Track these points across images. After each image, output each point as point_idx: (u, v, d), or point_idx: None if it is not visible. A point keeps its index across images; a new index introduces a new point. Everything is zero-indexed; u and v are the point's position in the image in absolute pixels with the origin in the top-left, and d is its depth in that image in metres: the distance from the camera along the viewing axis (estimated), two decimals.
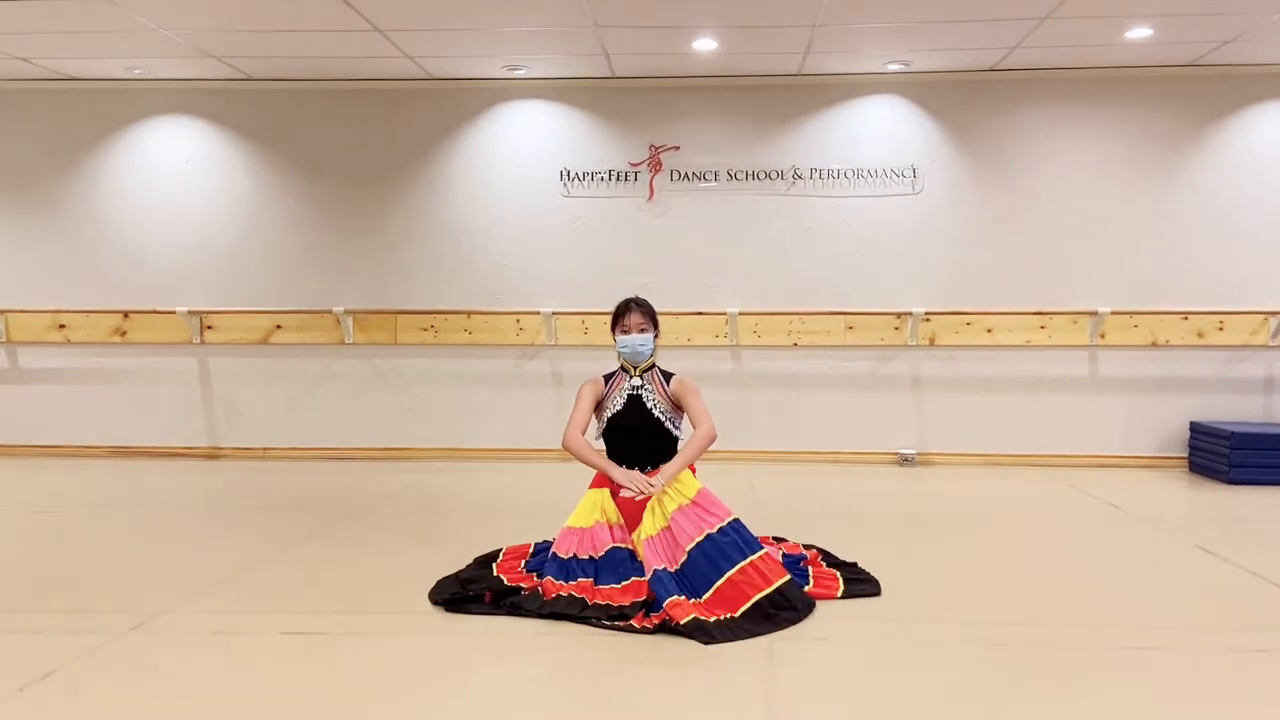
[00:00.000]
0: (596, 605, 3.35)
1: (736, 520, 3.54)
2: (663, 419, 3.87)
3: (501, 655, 3.03)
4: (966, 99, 6.80)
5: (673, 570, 3.42)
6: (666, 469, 3.72)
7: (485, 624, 3.31)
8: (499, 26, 5.87)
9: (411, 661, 2.97)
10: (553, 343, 7.00)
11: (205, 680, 2.81)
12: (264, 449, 7.19)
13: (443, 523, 5.02)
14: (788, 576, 3.42)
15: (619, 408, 3.86)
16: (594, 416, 3.97)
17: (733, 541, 3.46)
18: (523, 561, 3.87)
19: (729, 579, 3.36)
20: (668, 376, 3.96)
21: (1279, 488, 6.00)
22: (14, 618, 3.38)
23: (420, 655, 3.02)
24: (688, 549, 3.44)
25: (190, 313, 7.05)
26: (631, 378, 3.91)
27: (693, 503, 3.56)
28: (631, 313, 3.91)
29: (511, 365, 7.09)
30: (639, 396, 3.87)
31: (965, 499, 5.72)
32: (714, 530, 3.48)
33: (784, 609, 3.32)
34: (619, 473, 3.75)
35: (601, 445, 3.95)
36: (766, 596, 3.33)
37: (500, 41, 6.15)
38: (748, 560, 3.41)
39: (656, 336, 3.96)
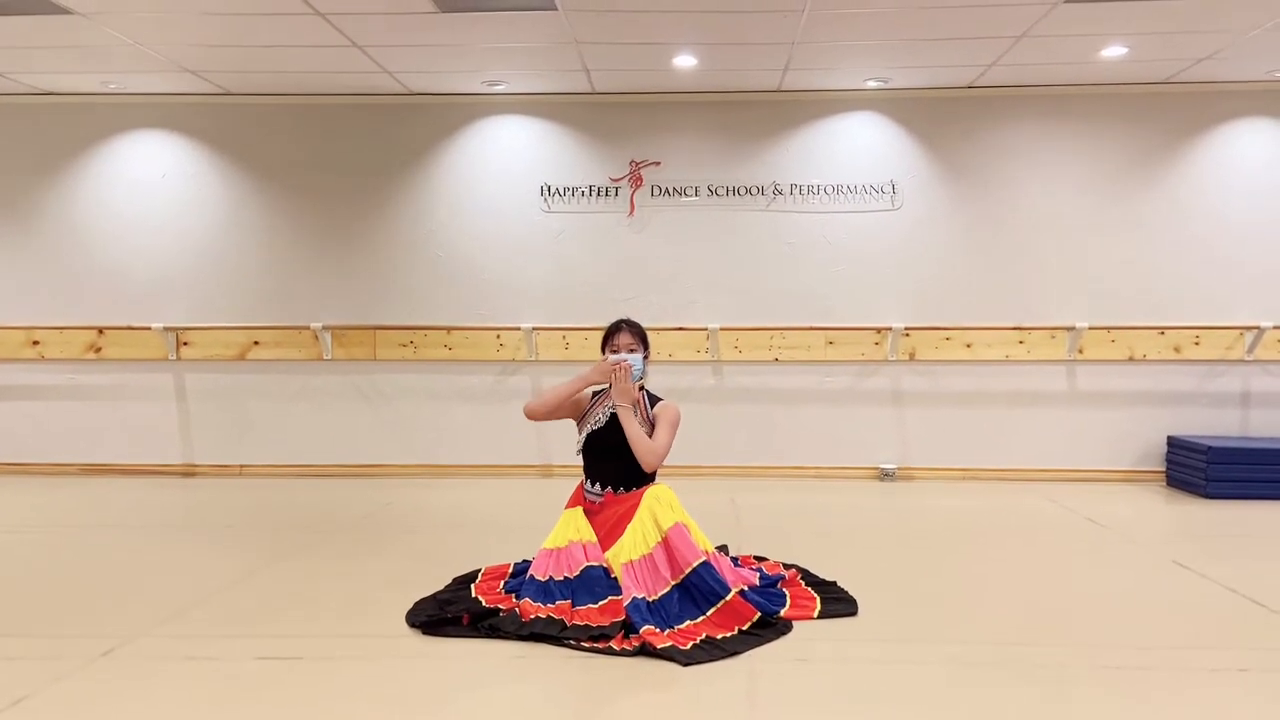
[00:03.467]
0: (576, 626, 3.32)
1: (706, 562, 3.51)
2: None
3: (480, 679, 3.00)
4: (945, 116, 6.85)
5: (650, 600, 3.40)
6: (631, 423, 3.73)
7: (463, 647, 3.27)
8: (479, 43, 5.86)
9: (389, 686, 2.93)
10: (533, 358, 6.98)
11: (178, 708, 2.76)
12: (240, 466, 7.12)
13: (421, 541, 4.98)
14: (757, 615, 3.41)
15: (600, 425, 3.83)
16: (577, 430, 3.94)
17: (706, 585, 3.45)
18: (501, 582, 3.84)
19: (701, 622, 3.37)
20: (654, 401, 3.94)
21: (1256, 502, 6.04)
22: None
23: (398, 680, 2.98)
24: (665, 588, 3.45)
25: (166, 329, 6.98)
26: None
27: (665, 540, 3.54)
28: (622, 332, 3.89)
29: (492, 381, 7.06)
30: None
31: (945, 514, 5.73)
32: (686, 573, 3.47)
33: (754, 634, 3.33)
34: (592, 373, 3.82)
35: (579, 462, 3.92)
36: (739, 630, 3.36)
37: (480, 57, 6.14)
38: (717, 607, 3.41)
39: (646, 357, 3.94)
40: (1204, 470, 6.23)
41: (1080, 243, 6.82)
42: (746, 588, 3.61)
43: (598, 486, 3.82)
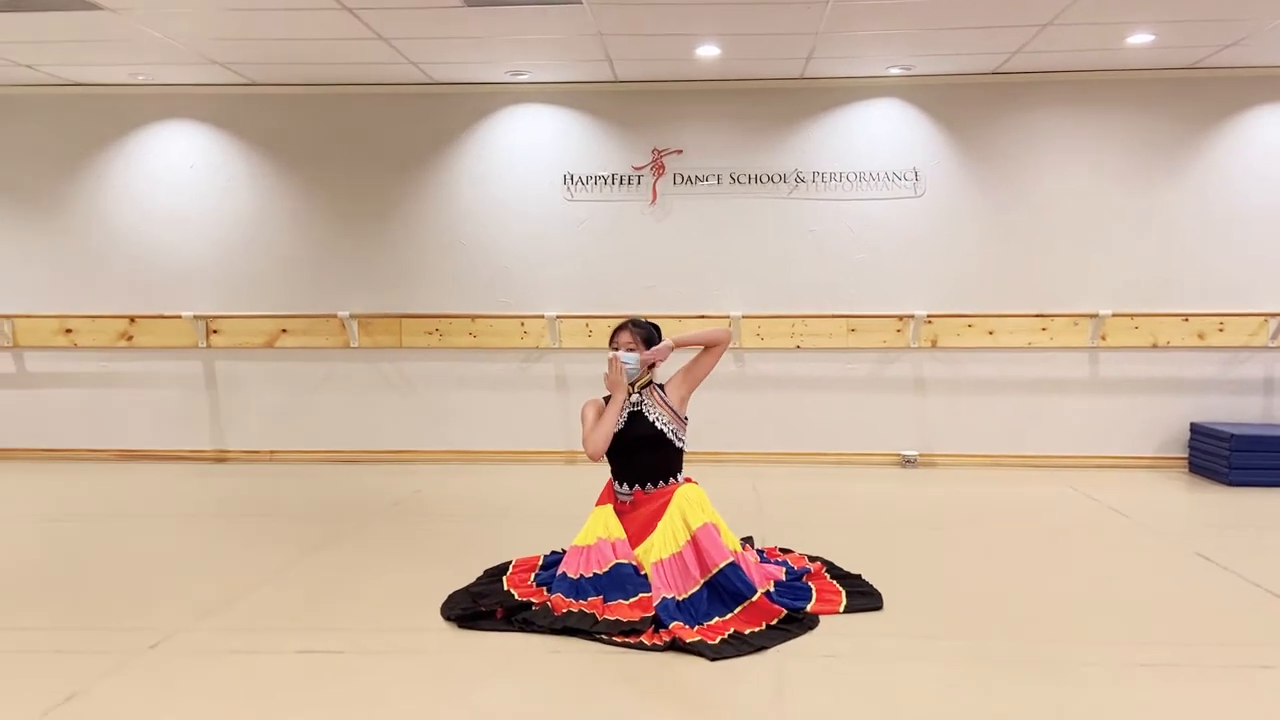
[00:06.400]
0: (607, 621, 3.40)
1: (734, 563, 3.58)
2: (665, 430, 3.88)
3: (516, 672, 3.09)
4: (968, 102, 6.82)
5: (680, 599, 3.48)
6: (687, 334, 3.82)
7: (498, 640, 3.37)
8: (503, 35, 5.89)
9: (429, 679, 3.02)
10: (557, 346, 7.04)
11: (227, 701, 2.87)
12: (270, 452, 7.24)
13: (451, 530, 5.07)
14: (784, 613, 3.48)
15: (622, 425, 3.87)
16: None
17: (732, 586, 3.53)
18: (532, 575, 3.93)
19: (729, 619, 3.45)
20: (663, 388, 4.00)
21: (1279, 489, 6.05)
22: (34, 635, 3.44)
23: (437, 673, 3.08)
24: (695, 587, 3.53)
25: (196, 317, 7.09)
26: (630, 395, 3.94)
27: (694, 540, 3.61)
28: (624, 331, 3.95)
29: (516, 368, 7.14)
30: (639, 412, 3.89)
31: (967, 502, 5.78)
32: (714, 573, 3.54)
33: (782, 629, 3.41)
34: (611, 387, 3.87)
35: (606, 465, 3.98)
36: (766, 625, 3.43)
37: (504, 48, 6.17)
38: (742, 607, 3.49)
39: (648, 360, 3.95)
40: (1227, 457, 6.24)
41: (1104, 229, 6.80)
42: (773, 585, 3.68)
43: (626, 486, 3.89)
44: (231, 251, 7.17)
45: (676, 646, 3.25)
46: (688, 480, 3.90)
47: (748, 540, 4.36)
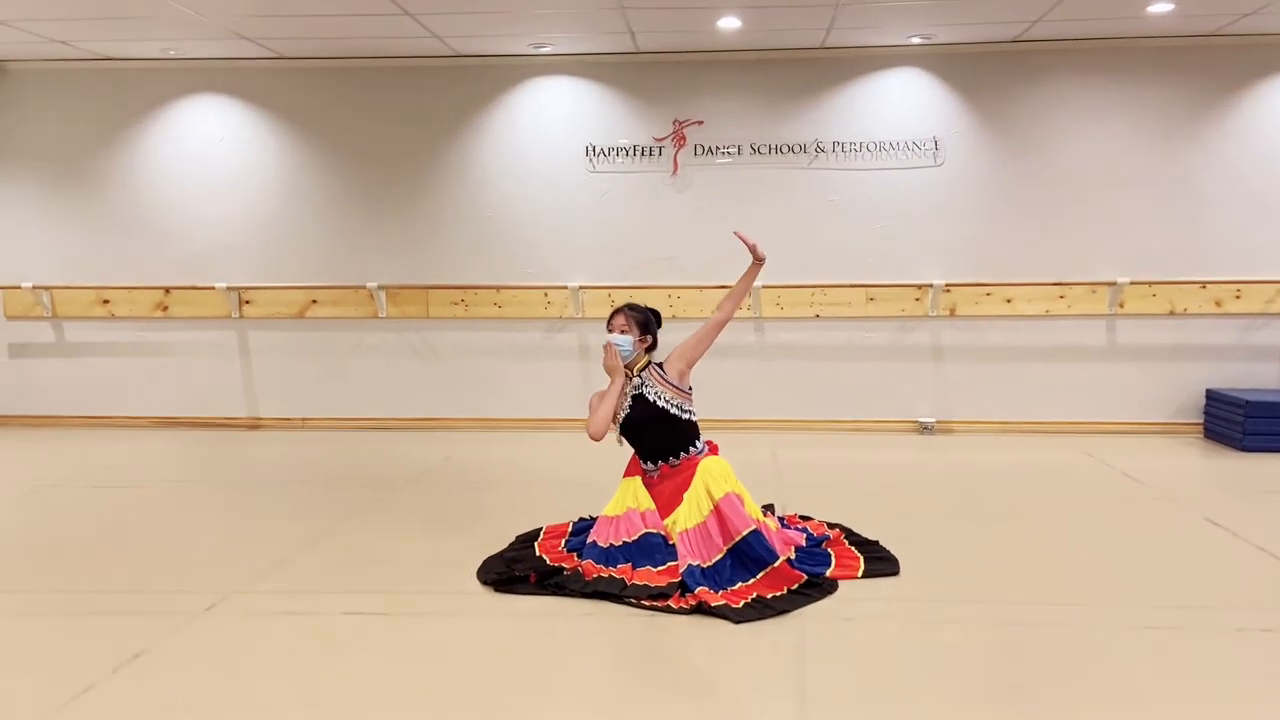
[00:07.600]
0: (635, 585, 3.57)
1: (756, 531, 3.72)
2: (669, 408, 3.97)
3: (552, 634, 3.27)
4: (988, 71, 6.85)
5: (704, 566, 3.65)
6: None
7: (533, 603, 3.55)
8: (526, 8, 5.96)
9: (470, 640, 3.21)
10: (580, 316, 7.18)
11: (286, 659, 3.07)
12: (303, 419, 7.45)
13: (481, 497, 5.24)
14: (804, 578, 3.63)
15: (628, 410, 3.99)
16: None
17: (754, 553, 3.67)
18: (563, 540, 4.09)
19: (752, 584, 3.60)
20: (661, 366, 4.08)
21: None
22: (97, 597, 3.64)
23: (478, 634, 3.26)
24: (718, 554, 3.69)
25: (229, 288, 7.27)
26: (631, 379, 4.05)
27: (717, 509, 3.76)
28: (618, 315, 4.07)
29: (540, 338, 7.29)
30: (642, 395, 3.99)
31: (983, 469, 5.90)
32: (737, 540, 3.69)
33: (803, 593, 3.57)
34: (610, 371, 4.02)
35: (628, 449, 4.11)
36: (788, 590, 3.59)
37: (526, 21, 6.24)
38: (764, 572, 3.64)
39: (644, 343, 4.06)
40: (1241, 424, 6.33)
41: (1122, 197, 6.84)
42: (794, 552, 3.83)
43: (650, 464, 4.03)
44: (262, 224, 7.33)
45: (702, 610, 3.42)
46: (710, 448, 4.05)
47: (768, 508, 4.51)
